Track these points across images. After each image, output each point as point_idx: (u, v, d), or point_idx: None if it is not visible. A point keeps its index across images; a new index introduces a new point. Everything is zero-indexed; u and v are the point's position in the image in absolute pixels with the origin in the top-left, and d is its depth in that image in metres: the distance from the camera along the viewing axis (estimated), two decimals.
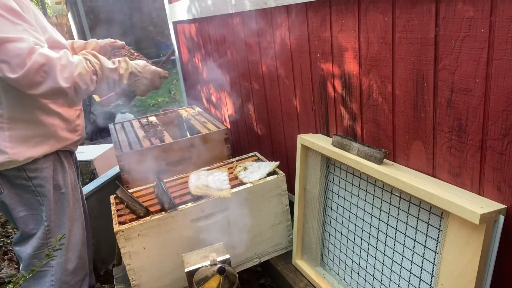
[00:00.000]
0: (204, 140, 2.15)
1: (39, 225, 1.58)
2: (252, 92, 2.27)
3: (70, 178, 1.65)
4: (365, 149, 1.30)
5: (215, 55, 2.71)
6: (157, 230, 1.55)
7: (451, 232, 1.03)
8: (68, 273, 1.65)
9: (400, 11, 1.16)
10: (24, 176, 1.51)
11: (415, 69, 1.15)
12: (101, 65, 1.47)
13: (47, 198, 1.56)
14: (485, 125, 1.00)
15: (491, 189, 1.03)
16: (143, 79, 1.62)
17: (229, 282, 1.30)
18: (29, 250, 1.60)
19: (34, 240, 1.60)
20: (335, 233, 1.59)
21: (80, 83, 1.38)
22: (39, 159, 1.52)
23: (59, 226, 1.61)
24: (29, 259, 1.61)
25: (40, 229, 1.59)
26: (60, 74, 1.32)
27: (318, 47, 1.58)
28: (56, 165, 1.59)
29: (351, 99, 1.47)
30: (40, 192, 1.55)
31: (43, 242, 1.60)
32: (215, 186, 1.67)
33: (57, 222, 1.61)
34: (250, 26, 2.08)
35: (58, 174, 1.60)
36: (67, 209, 1.63)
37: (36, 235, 1.59)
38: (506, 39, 0.90)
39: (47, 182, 1.55)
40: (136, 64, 1.62)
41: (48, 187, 1.55)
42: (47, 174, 1.55)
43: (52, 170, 1.57)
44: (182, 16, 3.06)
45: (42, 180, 1.54)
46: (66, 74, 1.34)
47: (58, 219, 1.61)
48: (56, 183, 1.59)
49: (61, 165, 1.61)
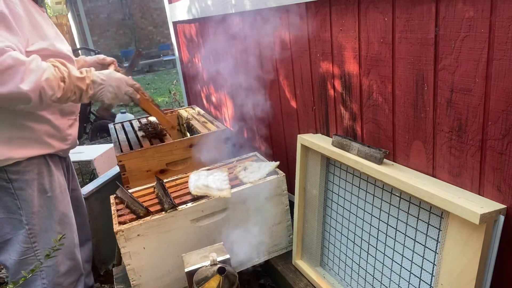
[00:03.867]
0: (204, 140, 2.16)
1: (15, 230, 1.53)
2: (252, 92, 2.27)
3: (58, 182, 1.61)
4: (365, 149, 1.30)
5: (215, 55, 2.71)
6: (157, 230, 1.55)
7: (451, 232, 1.03)
8: (60, 275, 1.63)
9: (400, 11, 1.16)
10: (5, 178, 1.47)
11: (415, 69, 1.15)
12: (69, 73, 1.44)
13: (27, 201, 1.51)
14: (485, 125, 1.00)
15: (491, 189, 1.03)
16: (108, 87, 1.59)
17: (229, 282, 1.30)
18: (13, 256, 1.55)
19: (16, 245, 1.54)
20: (335, 233, 1.59)
21: (47, 89, 1.35)
22: (21, 162, 1.48)
23: (46, 230, 1.57)
24: (16, 266, 1.55)
25: (18, 233, 1.53)
26: (26, 78, 1.29)
27: (318, 47, 1.58)
28: (42, 168, 1.54)
29: (351, 99, 1.47)
30: (20, 195, 1.50)
31: (27, 247, 1.55)
32: (215, 186, 1.67)
33: (43, 226, 1.56)
34: (250, 26, 2.08)
35: (44, 178, 1.55)
36: (55, 212, 1.59)
37: (17, 240, 1.54)
38: (506, 39, 0.90)
39: (29, 185, 1.51)
40: (100, 73, 1.60)
41: (29, 190, 1.51)
42: (29, 178, 1.50)
43: (36, 173, 1.52)
44: (182, 16, 3.06)
45: (23, 183, 1.50)
46: (32, 78, 1.30)
47: (44, 223, 1.57)
48: (41, 187, 1.54)
49: (47, 168, 1.57)
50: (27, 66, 1.30)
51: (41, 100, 1.35)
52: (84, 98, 1.52)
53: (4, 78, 1.25)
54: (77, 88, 1.47)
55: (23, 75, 1.28)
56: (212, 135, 2.18)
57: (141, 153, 2.04)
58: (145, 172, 2.06)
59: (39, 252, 1.56)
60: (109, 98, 1.61)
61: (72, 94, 1.46)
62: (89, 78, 1.53)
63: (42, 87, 1.33)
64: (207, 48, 2.82)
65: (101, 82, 1.57)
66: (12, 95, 1.28)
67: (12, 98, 1.30)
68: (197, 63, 3.17)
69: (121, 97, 1.67)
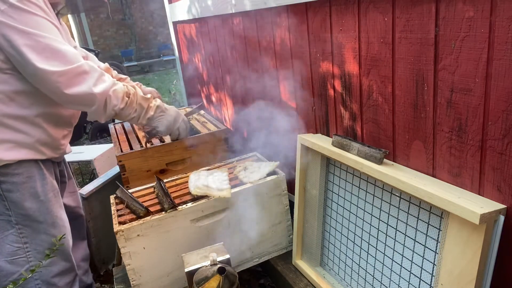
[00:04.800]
0: (204, 140, 2.16)
1: (2, 231, 1.52)
2: (252, 92, 2.27)
3: (51, 186, 1.61)
4: (365, 149, 1.30)
5: (215, 55, 2.71)
6: (157, 230, 1.55)
7: (451, 232, 1.03)
8: (54, 275, 1.62)
9: (400, 11, 1.16)
10: None
11: (415, 69, 1.15)
12: (135, 92, 1.67)
13: (16, 203, 1.51)
14: (485, 125, 1.00)
15: (491, 189, 1.03)
16: (168, 116, 1.82)
17: (229, 282, 1.30)
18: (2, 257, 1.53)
19: (5, 246, 1.52)
20: (335, 233, 1.59)
21: (113, 98, 1.54)
22: (11, 164, 1.47)
23: (39, 232, 1.56)
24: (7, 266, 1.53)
25: (5, 234, 1.52)
26: (98, 84, 1.49)
27: (318, 47, 1.58)
28: (33, 172, 1.54)
29: (351, 99, 1.47)
30: (8, 197, 1.50)
31: (18, 246, 1.54)
32: (215, 186, 1.67)
33: (35, 229, 1.56)
34: (250, 26, 2.08)
35: (36, 181, 1.54)
36: (48, 216, 1.58)
37: (6, 240, 1.52)
38: (506, 39, 0.90)
39: (18, 188, 1.50)
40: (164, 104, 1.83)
41: (18, 193, 1.50)
42: (18, 180, 1.50)
43: (26, 177, 1.52)
44: (182, 16, 3.06)
45: (12, 185, 1.49)
46: (104, 86, 1.51)
47: (36, 226, 1.56)
48: (33, 191, 1.54)
49: (39, 172, 1.56)
50: (101, 75, 1.51)
51: (105, 107, 1.54)
52: (142, 119, 1.73)
53: (79, 80, 1.45)
54: (140, 106, 1.69)
55: (97, 80, 1.49)
56: (212, 135, 2.18)
57: (141, 153, 2.04)
58: (145, 172, 2.06)
59: (30, 254, 1.55)
60: (164, 126, 1.82)
61: (133, 111, 1.67)
62: (154, 102, 1.77)
63: (109, 96, 1.53)
64: (207, 48, 2.82)
65: (164, 110, 1.81)
66: (84, 96, 1.47)
67: (82, 98, 1.48)
68: (197, 63, 3.17)
69: (173, 130, 1.89)
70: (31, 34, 1.37)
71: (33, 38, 1.37)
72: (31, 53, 1.37)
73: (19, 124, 1.48)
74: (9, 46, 1.36)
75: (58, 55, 1.41)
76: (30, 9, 1.37)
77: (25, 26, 1.36)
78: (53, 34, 1.43)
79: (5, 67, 1.41)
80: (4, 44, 1.36)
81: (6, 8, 1.34)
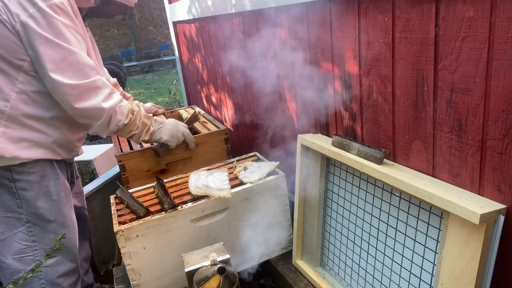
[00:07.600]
0: (204, 140, 2.16)
1: (11, 229, 1.53)
2: (252, 92, 2.27)
3: (63, 186, 1.62)
4: (365, 149, 1.30)
5: (215, 55, 2.71)
6: (157, 230, 1.55)
7: (451, 232, 1.03)
8: (59, 276, 1.62)
9: (400, 11, 1.16)
10: (9, 177, 1.48)
11: (415, 69, 1.15)
12: (140, 110, 1.74)
13: (28, 202, 1.52)
14: (485, 125, 1.00)
15: (491, 189, 1.03)
16: (167, 125, 1.89)
17: (229, 282, 1.30)
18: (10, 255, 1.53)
19: (13, 244, 1.53)
20: (335, 233, 1.59)
21: (118, 114, 1.59)
22: (27, 163, 1.50)
23: (48, 231, 1.58)
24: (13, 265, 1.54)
25: (15, 232, 1.53)
26: (108, 99, 1.54)
27: (318, 47, 1.58)
28: (47, 172, 1.56)
29: (351, 99, 1.47)
30: (21, 195, 1.51)
31: (27, 245, 1.55)
32: (215, 186, 1.67)
33: (45, 228, 1.57)
34: (250, 26, 2.08)
35: (50, 181, 1.57)
36: (59, 215, 1.59)
37: (15, 238, 1.53)
38: (506, 39, 0.90)
39: (32, 187, 1.52)
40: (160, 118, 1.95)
41: (31, 192, 1.52)
42: (33, 179, 1.52)
43: (40, 176, 1.53)
44: (182, 16, 3.06)
45: (27, 184, 1.51)
46: (112, 101, 1.55)
47: (46, 225, 1.57)
48: (46, 190, 1.55)
49: (53, 172, 1.58)
50: (111, 91, 1.57)
51: (110, 122, 1.58)
52: (144, 136, 1.78)
53: (91, 95, 1.49)
54: (143, 124, 1.75)
55: (107, 96, 1.54)
56: (212, 135, 2.18)
57: (141, 153, 2.04)
58: (145, 172, 2.06)
59: (37, 253, 1.56)
60: (167, 135, 1.88)
61: (136, 129, 1.71)
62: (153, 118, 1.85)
63: (115, 111, 1.58)
64: (207, 48, 2.82)
65: (161, 122, 1.89)
66: (92, 110, 1.51)
67: (91, 112, 1.52)
68: (197, 63, 3.17)
69: (178, 136, 1.95)
70: (53, 42, 1.39)
71: (54, 47, 1.39)
72: (49, 62, 1.39)
73: (38, 124, 1.51)
74: (31, 48, 1.39)
75: (75, 68, 1.44)
76: (57, 15, 1.39)
77: (49, 33, 1.38)
78: (74, 45, 1.44)
79: (30, 69, 1.44)
80: (28, 46, 1.39)
81: (35, 11, 1.36)
